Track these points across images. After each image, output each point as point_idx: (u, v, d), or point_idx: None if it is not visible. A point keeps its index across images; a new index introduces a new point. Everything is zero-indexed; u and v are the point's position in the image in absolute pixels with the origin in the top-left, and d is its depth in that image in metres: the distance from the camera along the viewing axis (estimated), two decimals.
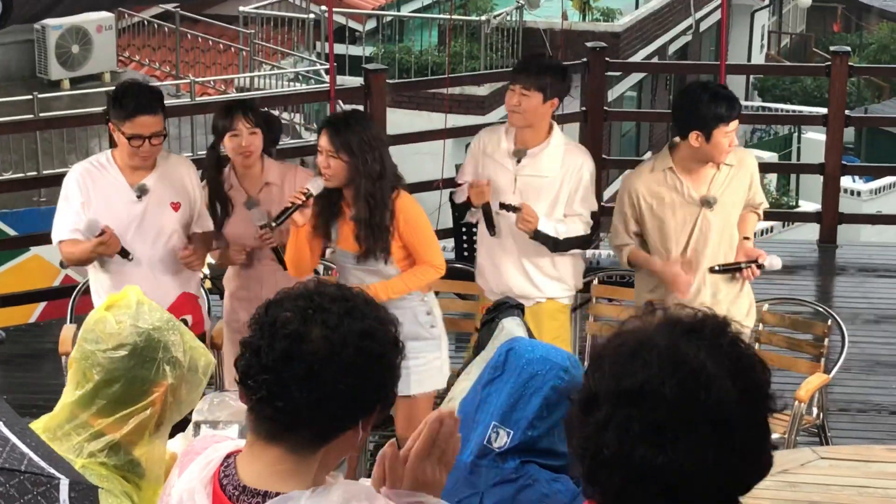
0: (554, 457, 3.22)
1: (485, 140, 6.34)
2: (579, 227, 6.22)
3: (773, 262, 6.21)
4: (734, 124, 5.94)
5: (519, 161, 6.19)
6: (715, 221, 6.05)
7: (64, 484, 2.40)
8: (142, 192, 5.96)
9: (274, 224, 5.79)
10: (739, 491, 1.98)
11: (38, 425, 3.06)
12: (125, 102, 5.83)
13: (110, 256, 5.90)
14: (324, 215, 5.78)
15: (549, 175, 6.18)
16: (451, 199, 6.57)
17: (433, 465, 2.50)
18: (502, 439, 3.21)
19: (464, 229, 8.71)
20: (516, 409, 3.21)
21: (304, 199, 5.63)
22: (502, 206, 6.15)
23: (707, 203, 6.01)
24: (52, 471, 2.44)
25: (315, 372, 2.37)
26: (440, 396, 5.97)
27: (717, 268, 6.07)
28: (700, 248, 6.06)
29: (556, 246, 6.18)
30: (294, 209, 5.63)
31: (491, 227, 6.24)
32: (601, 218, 10.43)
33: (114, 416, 3.08)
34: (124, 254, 5.90)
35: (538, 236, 6.12)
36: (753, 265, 6.10)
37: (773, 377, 2.05)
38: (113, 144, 6.09)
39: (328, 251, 6.02)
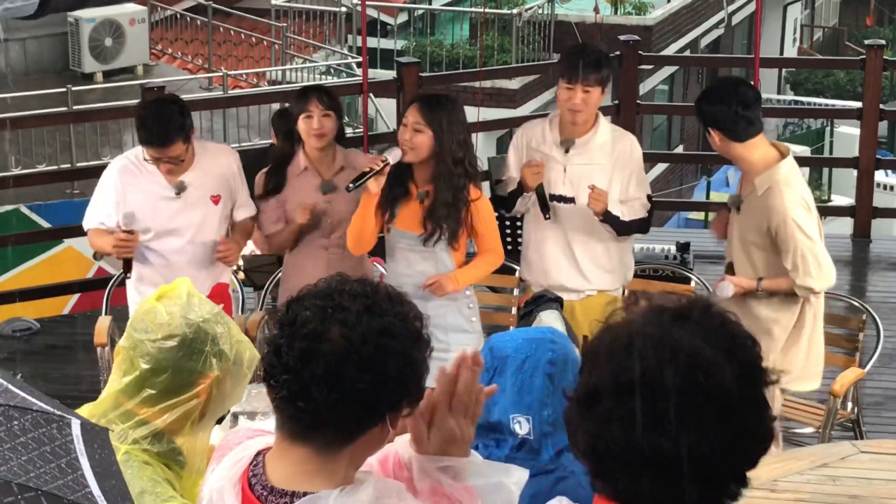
0: None
1: (528, 134, 6.26)
2: (640, 211, 6.13)
3: (723, 289, 5.67)
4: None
5: (567, 151, 6.11)
6: (736, 227, 5.78)
7: (76, 422, 2.43)
8: (180, 189, 6.02)
9: (351, 186, 5.74)
10: (748, 467, 2.00)
11: (83, 413, 3.06)
12: (141, 129, 5.89)
13: (119, 259, 5.98)
14: (390, 192, 5.79)
15: (600, 162, 6.09)
16: (493, 195, 6.46)
17: (458, 419, 2.50)
18: (524, 426, 3.20)
19: (507, 222, 8.65)
20: (524, 395, 3.19)
21: (381, 165, 5.65)
22: (553, 197, 6.10)
23: (734, 202, 5.79)
24: (62, 413, 2.47)
25: (334, 371, 2.33)
26: None
27: None
28: (730, 252, 5.86)
29: (622, 229, 6.09)
30: (372, 174, 5.64)
31: (546, 209, 6.09)
32: None
33: (159, 405, 3.11)
34: (127, 266, 5.97)
35: (608, 217, 6.02)
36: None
37: None
38: None
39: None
